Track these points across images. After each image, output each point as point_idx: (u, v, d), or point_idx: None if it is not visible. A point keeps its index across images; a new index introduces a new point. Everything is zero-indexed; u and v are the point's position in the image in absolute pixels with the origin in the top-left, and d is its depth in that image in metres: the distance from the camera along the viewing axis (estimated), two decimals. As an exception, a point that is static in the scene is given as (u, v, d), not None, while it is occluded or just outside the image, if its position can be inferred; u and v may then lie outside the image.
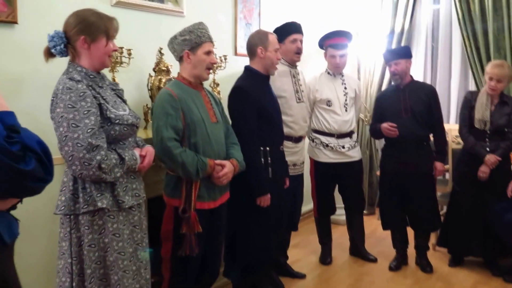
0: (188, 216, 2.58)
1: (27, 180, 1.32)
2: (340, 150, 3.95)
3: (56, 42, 2.17)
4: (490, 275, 3.84)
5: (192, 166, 2.53)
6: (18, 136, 1.33)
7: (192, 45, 2.66)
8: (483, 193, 3.78)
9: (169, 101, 2.55)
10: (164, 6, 3.54)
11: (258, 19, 4.59)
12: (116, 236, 2.21)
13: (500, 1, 4.82)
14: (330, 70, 4.05)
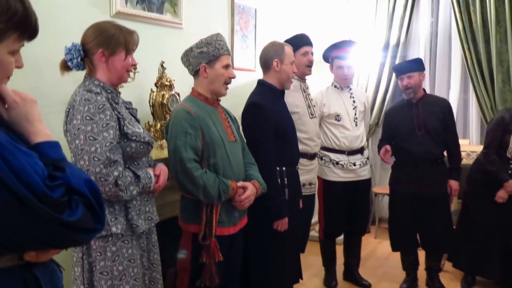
0: (208, 244, 2.49)
1: (72, 232, 1.15)
2: (351, 168, 3.88)
3: (73, 55, 2.11)
4: (510, 298, 3.83)
5: (214, 189, 2.44)
6: (62, 175, 1.17)
7: (209, 58, 2.59)
8: (500, 212, 3.79)
9: (187, 119, 2.47)
10: (164, 17, 3.48)
11: (254, 31, 4.55)
12: (132, 262, 2.16)
13: (503, 13, 4.90)
14: (337, 83, 3.99)
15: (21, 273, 1.21)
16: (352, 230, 4.08)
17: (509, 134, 3.72)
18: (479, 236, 3.90)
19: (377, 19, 5.66)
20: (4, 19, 1.14)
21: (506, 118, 3.77)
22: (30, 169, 1.09)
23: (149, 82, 3.26)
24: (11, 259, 1.18)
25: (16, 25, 1.17)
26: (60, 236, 1.14)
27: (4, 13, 1.14)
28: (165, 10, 3.49)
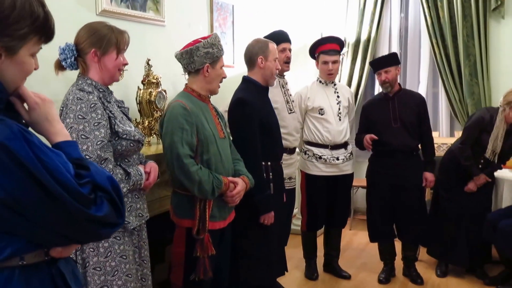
0: (202, 238, 2.58)
1: (99, 227, 1.22)
2: (334, 162, 3.99)
3: (67, 55, 2.18)
4: (482, 285, 4.04)
5: (209, 185, 2.53)
6: (88, 173, 1.23)
7: (213, 59, 2.69)
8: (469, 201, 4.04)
9: (184, 115, 2.54)
10: (147, 15, 3.53)
11: (232, 27, 4.64)
12: (124, 258, 2.22)
13: (469, 8, 5.15)
14: (321, 78, 4.09)
15: (47, 269, 1.28)
16: (332, 222, 4.21)
17: (486, 134, 3.92)
18: (449, 224, 4.12)
19: (348, 15, 5.82)
20: (28, 23, 1.20)
21: (485, 118, 3.95)
22: (63, 168, 1.16)
23: (134, 79, 3.31)
24: (38, 255, 1.24)
25: (38, 28, 1.23)
26: (87, 231, 1.21)
27: (28, 17, 1.20)
28: (148, 8, 3.54)
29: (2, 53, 1.18)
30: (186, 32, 4.00)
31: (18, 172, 1.10)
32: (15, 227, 1.16)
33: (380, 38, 5.80)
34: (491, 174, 4.04)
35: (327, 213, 4.15)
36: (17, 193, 1.10)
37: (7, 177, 1.09)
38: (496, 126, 3.88)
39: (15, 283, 1.20)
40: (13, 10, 1.16)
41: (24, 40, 1.21)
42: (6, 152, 1.09)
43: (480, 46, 5.17)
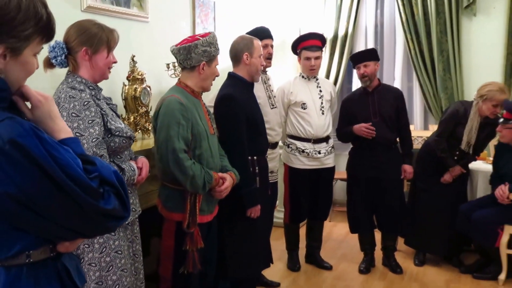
0: (192, 232, 2.56)
1: (107, 220, 1.22)
2: (316, 156, 3.99)
3: (57, 53, 2.13)
4: (458, 273, 4.10)
5: (201, 179, 2.53)
6: (94, 168, 1.23)
7: (210, 57, 2.68)
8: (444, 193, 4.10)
9: (180, 110, 2.52)
10: (130, 11, 3.49)
11: (214, 23, 4.60)
12: (119, 253, 2.20)
13: (442, 5, 5.20)
14: (304, 73, 4.08)
15: (53, 265, 1.28)
16: (315, 215, 4.22)
17: (461, 127, 3.98)
18: (426, 214, 4.17)
19: (326, 11, 5.81)
20: (33, 23, 1.20)
21: (460, 111, 4.02)
22: (73, 163, 1.16)
23: (119, 76, 3.25)
24: (44, 252, 1.25)
25: (41, 29, 1.23)
26: (97, 224, 1.22)
27: (33, 18, 1.20)
28: (132, 4, 3.49)
29: (7, 54, 1.18)
30: (169, 28, 3.96)
31: (31, 169, 1.10)
32: (26, 223, 1.17)
33: (356, 33, 5.80)
34: (466, 165, 4.11)
35: (309, 205, 4.15)
36: (29, 189, 1.11)
37: (19, 174, 1.10)
38: (470, 119, 3.94)
39: (23, 281, 1.21)
40: (18, 12, 1.16)
41: (28, 41, 1.21)
42: (19, 149, 1.09)
43: (453, 42, 5.23)
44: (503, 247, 3.83)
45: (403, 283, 3.97)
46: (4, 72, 1.19)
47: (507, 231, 3.82)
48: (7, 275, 1.20)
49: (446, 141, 4.04)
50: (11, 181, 1.09)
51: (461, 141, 3.98)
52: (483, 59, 5.23)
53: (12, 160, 1.09)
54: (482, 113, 3.91)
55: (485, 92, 3.87)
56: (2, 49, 1.17)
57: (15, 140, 1.09)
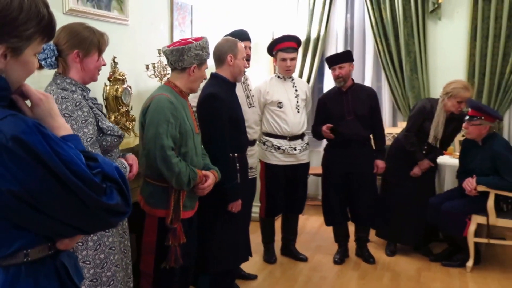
0: (175, 227, 2.59)
1: (110, 215, 1.19)
2: (292, 152, 4.06)
3: (47, 55, 2.13)
4: (428, 261, 4.23)
5: (186, 176, 2.56)
6: (97, 164, 1.20)
7: (201, 61, 2.73)
8: (414, 185, 4.22)
9: (170, 108, 2.56)
10: (111, 14, 3.51)
11: (191, 26, 4.64)
12: (113, 249, 2.21)
13: (409, 10, 5.35)
14: (280, 74, 4.14)
15: (52, 263, 1.25)
16: (291, 209, 4.28)
17: (428, 122, 4.11)
18: (398, 207, 4.29)
19: (298, 15, 5.90)
20: (34, 23, 1.18)
21: (427, 107, 4.15)
22: (77, 159, 1.14)
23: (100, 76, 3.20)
24: (42, 250, 1.22)
25: (42, 29, 1.21)
26: (99, 220, 1.19)
27: (35, 18, 1.17)
28: (112, 8, 3.51)
29: (8, 54, 1.16)
30: (148, 31, 3.99)
31: (35, 166, 1.07)
32: (27, 221, 1.14)
33: (328, 36, 5.90)
34: (434, 159, 4.23)
35: (285, 200, 4.21)
36: (32, 186, 1.08)
37: (22, 171, 1.07)
38: (436, 114, 4.08)
39: (23, 280, 1.18)
40: (20, 12, 1.14)
41: (29, 41, 1.19)
42: (22, 146, 1.07)
43: (420, 45, 5.38)
44: (470, 236, 3.96)
45: (376, 272, 4.07)
46: (4, 72, 1.17)
47: (474, 220, 3.96)
48: (5, 275, 1.17)
49: (415, 136, 4.16)
50: (14, 178, 1.07)
51: (429, 136, 4.10)
52: (447, 60, 5.40)
53: (16, 157, 1.06)
54: (448, 109, 4.05)
55: (450, 90, 4.01)
56: (3, 49, 1.14)
57: (18, 137, 1.06)
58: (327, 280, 3.94)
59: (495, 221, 3.91)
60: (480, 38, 5.24)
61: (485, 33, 5.24)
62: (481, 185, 3.88)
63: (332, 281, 3.93)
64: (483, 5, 5.20)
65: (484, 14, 5.21)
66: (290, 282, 3.91)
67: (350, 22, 5.90)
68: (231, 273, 3.43)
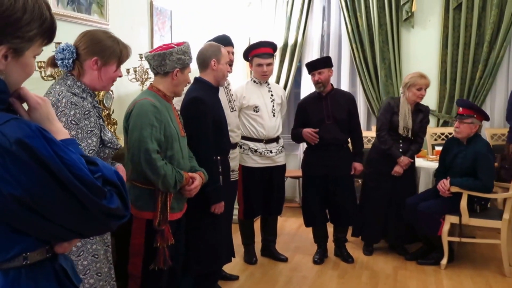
0: (163, 229, 2.54)
1: (110, 219, 1.17)
2: (268, 155, 4.04)
3: (65, 56, 2.04)
4: (404, 260, 4.24)
5: (172, 179, 2.52)
6: (97, 168, 1.18)
7: (184, 65, 2.68)
8: (394, 187, 4.21)
9: (153, 112, 2.50)
10: (91, 17, 3.44)
11: (170, 31, 4.59)
12: (95, 257, 2.11)
13: (384, 18, 5.40)
14: (256, 78, 4.12)
15: (51, 265, 1.22)
16: (269, 210, 4.24)
17: (396, 116, 4.16)
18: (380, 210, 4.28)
19: (276, 22, 5.89)
20: (37, 25, 1.15)
21: (391, 103, 4.24)
22: (79, 163, 1.11)
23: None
24: (40, 253, 1.18)
25: (44, 31, 1.18)
26: (100, 223, 1.17)
27: (37, 19, 1.15)
28: (92, 11, 3.44)
29: (9, 55, 1.13)
30: (128, 35, 3.89)
31: (38, 170, 1.05)
32: (27, 225, 1.11)
33: (305, 42, 5.90)
34: (413, 156, 4.23)
35: (263, 201, 4.18)
36: (35, 190, 1.05)
37: (25, 175, 1.04)
38: (401, 106, 4.15)
39: (23, 283, 1.15)
40: (24, 13, 1.11)
41: (31, 42, 1.16)
42: (26, 149, 1.04)
43: (394, 51, 5.43)
44: (444, 235, 3.98)
45: (355, 271, 4.06)
46: (4, 73, 1.14)
47: (448, 220, 3.98)
48: (5, 278, 1.14)
49: (387, 134, 4.19)
50: (16, 182, 1.04)
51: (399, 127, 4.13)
52: (420, 66, 5.39)
53: (19, 161, 1.04)
54: (410, 100, 4.13)
55: (408, 80, 4.14)
56: (4, 50, 1.11)
57: (22, 141, 1.04)
58: (308, 280, 3.91)
59: (467, 221, 3.94)
60: (451, 45, 5.32)
61: (456, 41, 5.32)
62: (454, 186, 3.90)
63: (313, 280, 3.90)
64: (453, 14, 5.28)
65: (454, 23, 5.29)
66: (271, 282, 3.87)
67: (326, 29, 5.91)
68: (214, 275, 3.38)
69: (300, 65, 5.90)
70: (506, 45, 5.17)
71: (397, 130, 4.15)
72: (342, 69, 5.84)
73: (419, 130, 4.20)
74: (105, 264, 2.19)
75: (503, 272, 3.90)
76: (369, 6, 5.47)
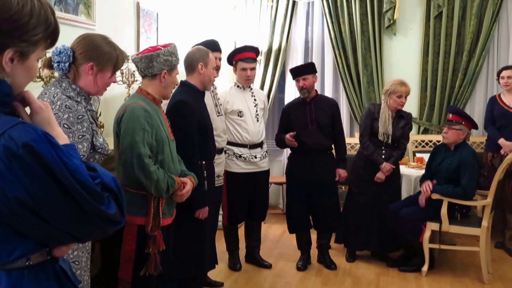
0: (155, 235, 2.50)
1: (108, 224, 1.19)
2: (253, 160, 4.01)
3: (62, 59, 2.01)
4: (386, 267, 4.25)
5: (164, 184, 2.48)
6: (96, 174, 1.20)
7: (171, 66, 2.63)
8: (378, 193, 4.23)
9: (145, 116, 2.46)
10: (78, 18, 3.36)
11: (156, 33, 4.52)
12: (76, 264, 2.08)
13: (367, 25, 5.43)
14: (239, 83, 4.08)
15: (51, 267, 1.24)
16: (253, 216, 4.20)
17: (376, 122, 4.19)
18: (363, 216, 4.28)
19: (260, 27, 5.87)
20: (43, 29, 1.17)
21: (371, 109, 4.27)
22: (81, 169, 1.13)
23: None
24: (41, 255, 1.20)
25: (48, 35, 1.20)
26: (97, 228, 1.18)
27: (43, 23, 1.17)
28: (79, 12, 3.36)
29: (15, 58, 1.15)
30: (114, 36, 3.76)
31: (42, 174, 1.07)
32: (29, 228, 1.12)
33: (289, 48, 5.89)
34: (395, 162, 4.25)
35: (247, 207, 4.14)
36: (37, 193, 1.07)
37: (29, 178, 1.06)
38: (381, 112, 4.18)
39: (26, 283, 1.17)
40: (31, 17, 1.14)
41: (36, 46, 1.18)
42: (33, 154, 1.06)
43: (376, 58, 5.47)
44: (425, 242, 4.02)
45: (338, 278, 4.05)
46: (10, 76, 1.16)
47: (429, 227, 4.02)
48: (8, 278, 1.16)
49: (369, 141, 4.21)
50: (21, 185, 1.06)
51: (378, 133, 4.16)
52: (402, 74, 5.44)
53: (24, 165, 1.05)
54: (391, 107, 4.16)
55: (389, 87, 4.17)
56: (11, 53, 1.13)
57: (29, 145, 1.05)
58: (291, 286, 3.90)
59: (448, 228, 3.98)
60: (432, 54, 5.39)
61: (437, 49, 5.39)
62: (436, 193, 3.94)
63: (296, 287, 3.88)
64: (434, 23, 5.35)
65: (435, 31, 5.36)
66: (256, 289, 3.84)
67: (310, 34, 5.92)
68: (198, 280, 3.32)
69: (284, 70, 5.87)
70: (485, 55, 5.27)
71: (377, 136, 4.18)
72: (325, 75, 5.85)
73: (401, 137, 4.23)
74: (86, 271, 2.15)
75: (482, 279, 3.95)
76: (352, 13, 5.50)
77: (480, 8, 5.20)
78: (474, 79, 5.31)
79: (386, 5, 5.36)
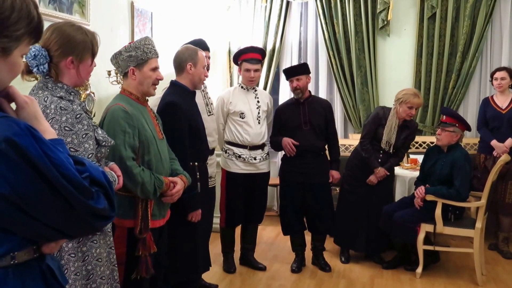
0: (144, 237, 2.45)
1: (97, 219, 1.16)
2: (252, 161, 3.98)
3: (40, 61, 1.91)
4: (380, 269, 4.25)
5: (151, 185, 2.43)
6: (84, 168, 1.16)
7: (138, 61, 2.52)
8: (369, 195, 4.23)
9: (125, 118, 2.40)
10: (73, 17, 3.30)
11: (151, 33, 4.48)
12: (99, 261, 2.05)
13: (360, 25, 5.43)
14: (243, 84, 4.06)
15: (38, 265, 1.21)
16: (250, 218, 4.17)
17: (381, 128, 4.16)
18: (353, 214, 4.29)
19: (254, 27, 5.85)
20: (25, 24, 1.15)
21: (380, 114, 4.22)
22: (67, 163, 1.10)
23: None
24: (27, 253, 1.17)
25: (31, 30, 1.17)
26: (85, 224, 1.16)
27: (25, 18, 1.14)
28: (74, 11, 3.32)
29: None
30: (109, 36, 3.80)
31: (26, 168, 1.05)
32: (14, 224, 1.10)
33: (283, 48, 5.87)
34: (390, 168, 4.25)
35: (245, 209, 4.11)
36: (22, 188, 1.05)
37: (13, 173, 1.04)
38: (389, 120, 4.15)
39: (10, 282, 1.14)
40: (12, 12, 1.11)
41: (19, 41, 1.15)
42: (15, 148, 1.04)
43: (370, 59, 5.47)
44: (420, 244, 4.01)
45: (332, 280, 4.04)
46: None
47: (423, 229, 4.01)
48: None
49: (369, 143, 4.20)
50: (4, 181, 1.03)
51: (382, 141, 4.15)
52: (395, 75, 5.50)
53: (7, 159, 1.03)
54: (400, 115, 4.12)
55: (401, 96, 4.11)
56: None
57: (11, 139, 1.03)
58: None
59: (442, 229, 3.98)
60: (426, 55, 5.39)
61: (430, 51, 5.40)
62: (429, 194, 3.95)
63: (291, 289, 3.86)
64: (428, 24, 5.36)
65: (429, 32, 5.37)
66: (250, 291, 3.82)
67: (304, 35, 5.90)
68: (192, 283, 3.30)
69: (278, 70, 5.86)
70: (478, 56, 5.28)
71: (379, 142, 4.17)
72: (319, 76, 5.83)
73: (401, 146, 4.23)
74: (108, 266, 2.12)
75: (476, 281, 3.95)
76: (346, 14, 5.50)
77: (473, 10, 5.21)
78: (468, 81, 5.33)
79: (380, 6, 5.36)
